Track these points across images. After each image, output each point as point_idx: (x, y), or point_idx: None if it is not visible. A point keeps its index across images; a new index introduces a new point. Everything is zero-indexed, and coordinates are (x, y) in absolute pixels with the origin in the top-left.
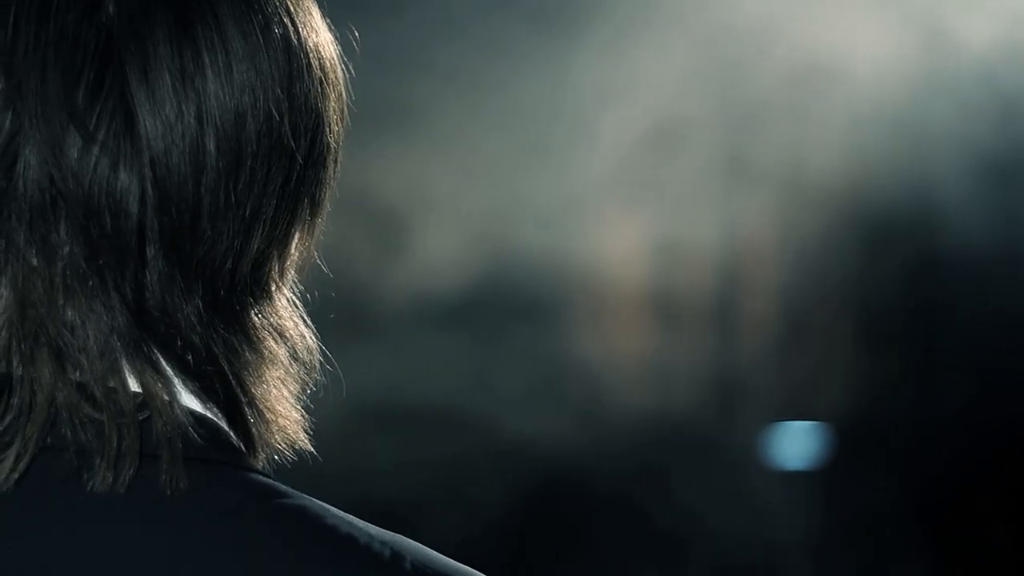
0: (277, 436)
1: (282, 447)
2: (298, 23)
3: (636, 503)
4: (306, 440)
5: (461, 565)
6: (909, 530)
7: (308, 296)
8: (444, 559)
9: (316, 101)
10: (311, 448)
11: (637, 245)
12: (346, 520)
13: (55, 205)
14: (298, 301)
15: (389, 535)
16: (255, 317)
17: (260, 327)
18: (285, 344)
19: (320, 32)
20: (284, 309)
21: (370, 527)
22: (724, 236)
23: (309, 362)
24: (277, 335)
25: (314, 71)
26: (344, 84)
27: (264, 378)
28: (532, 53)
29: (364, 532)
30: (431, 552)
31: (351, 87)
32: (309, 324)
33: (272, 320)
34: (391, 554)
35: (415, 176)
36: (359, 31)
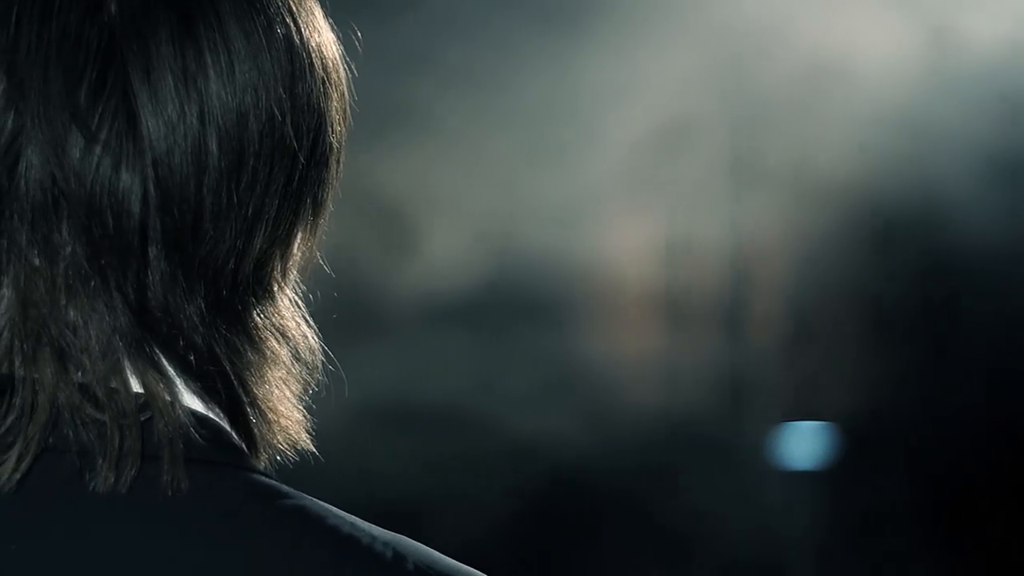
0: (279, 436)
1: (284, 447)
2: (300, 23)
3: (643, 503)
4: (308, 440)
5: (463, 566)
6: (916, 530)
7: (313, 296)
8: (446, 559)
9: (318, 101)
10: (313, 448)
11: (643, 244)
12: (348, 521)
13: (57, 205)
14: (300, 301)
15: (391, 536)
16: (257, 317)
17: (262, 327)
18: (287, 344)
19: (322, 32)
20: (286, 309)
21: (372, 528)
22: (730, 235)
23: (311, 362)
24: (279, 335)
25: (316, 71)
26: (347, 84)
27: (266, 378)
28: (538, 53)
29: (366, 533)
30: (433, 553)
31: (356, 87)
32: (311, 324)
33: (274, 320)
34: (393, 555)
35: (421, 176)
36: (365, 31)
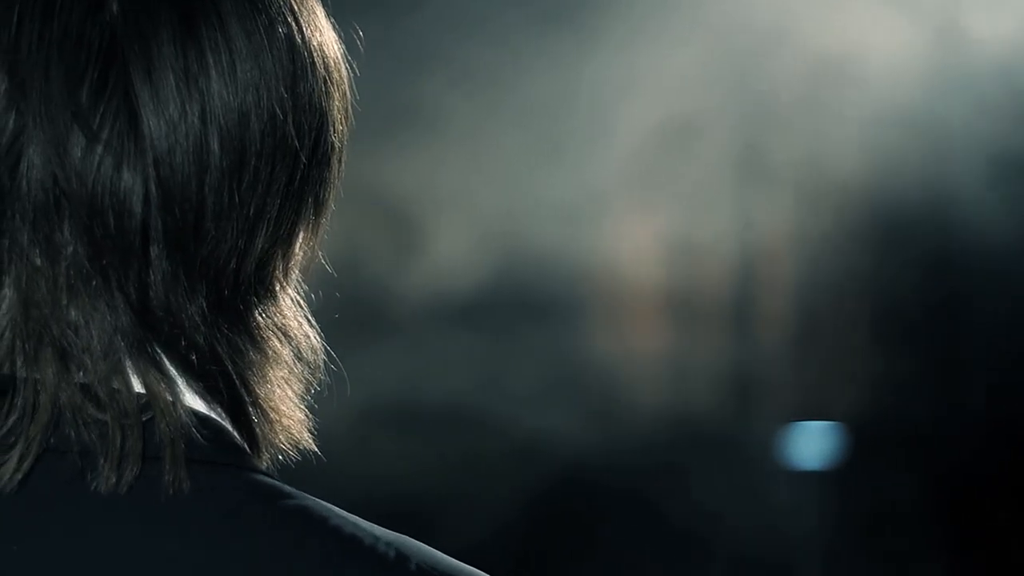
0: (281, 436)
1: (286, 447)
2: (302, 22)
3: (651, 502)
4: (310, 440)
5: (466, 566)
6: (923, 529)
7: (318, 296)
8: (449, 560)
9: (320, 100)
10: (315, 448)
11: (652, 243)
12: (351, 521)
13: (59, 205)
14: (302, 301)
15: (394, 536)
16: (259, 317)
17: (264, 327)
18: (289, 344)
19: (324, 31)
20: (288, 309)
21: (375, 528)
22: (737, 234)
23: (313, 362)
24: (281, 335)
25: (318, 70)
26: (348, 83)
27: (268, 378)
28: (544, 51)
29: (369, 533)
30: (436, 553)
31: (362, 86)
32: (313, 324)
33: (276, 320)
34: (396, 555)
35: (427, 175)
36: (371, 30)
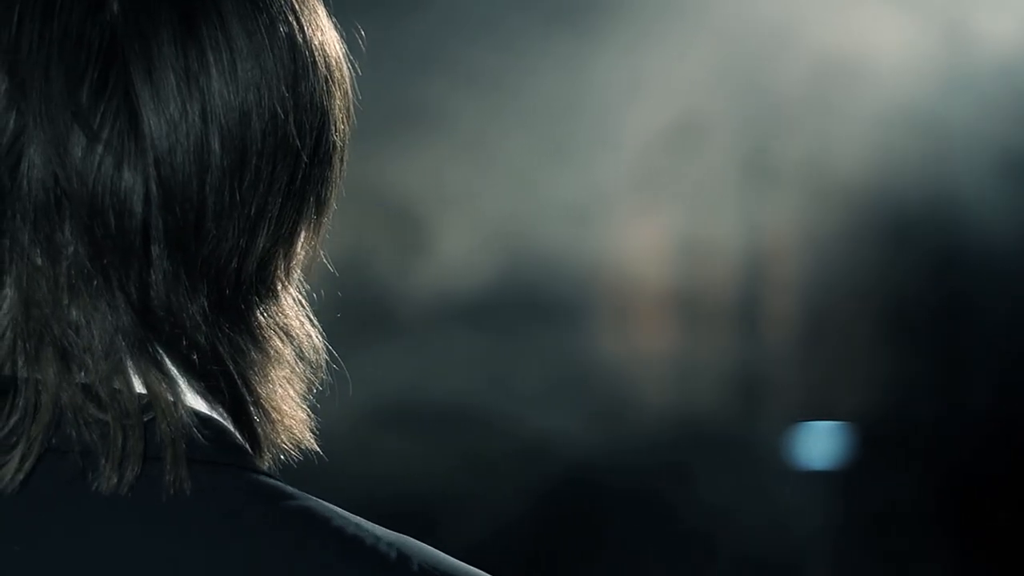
0: (283, 436)
1: (288, 447)
2: (303, 21)
3: (658, 502)
4: (312, 440)
5: (468, 566)
6: (930, 529)
7: (325, 295)
8: (451, 560)
9: (321, 99)
10: (317, 448)
11: (659, 243)
12: (353, 522)
13: (59, 204)
14: (304, 300)
15: (396, 536)
16: (261, 316)
17: (266, 326)
18: (291, 343)
19: (325, 31)
20: (290, 308)
21: (377, 528)
22: (744, 234)
23: (315, 361)
24: (283, 334)
25: (319, 69)
26: (350, 82)
27: (270, 377)
28: (550, 52)
29: (371, 534)
30: (438, 553)
31: (369, 87)
32: (315, 323)
33: (278, 319)
34: (398, 555)
35: (435, 175)
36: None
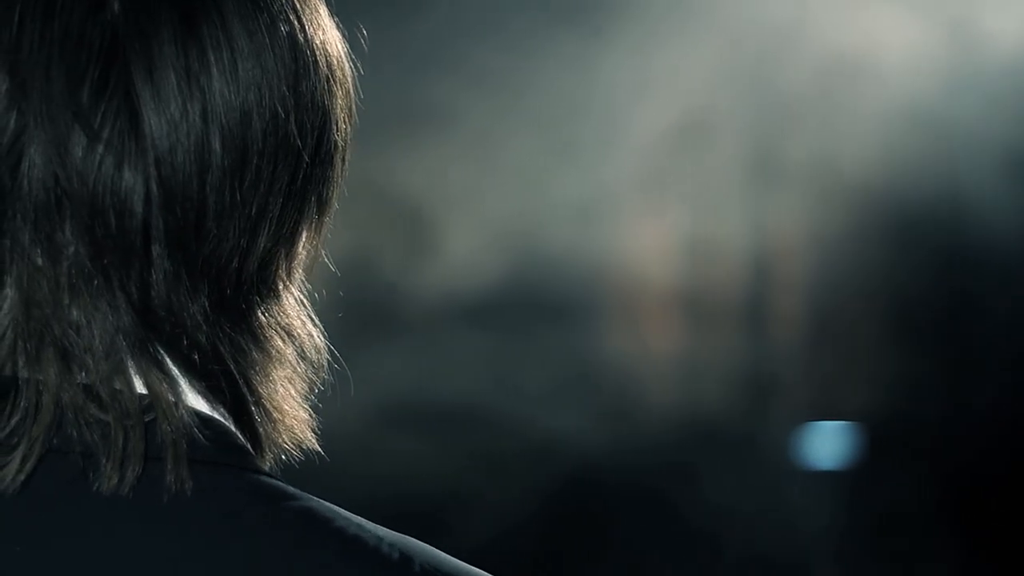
0: (284, 436)
1: (289, 447)
2: (304, 21)
3: (665, 502)
4: (313, 440)
5: (470, 567)
6: (938, 529)
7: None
8: (453, 560)
9: (323, 99)
10: (318, 448)
11: (665, 243)
12: (355, 522)
13: (60, 204)
14: (306, 300)
15: (398, 537)
16: (262, 316)
17: (267, 326)
18: (292, 343)
19: (327, 30)
20: (292, 308)
21: (379, 529)
22: (751, 233)
23: (317, 361)
24: (284, 334)
25: (320, 69)
26: (352, 82)
27: (271, 377)
28: (558, 51)
29: (372, 534)
30: (440, 554)
31: (378, 87)
32: (317, 323)
33: (279, 319)
34: (399, 556)
35: (443, 175)
36: (384, 30)
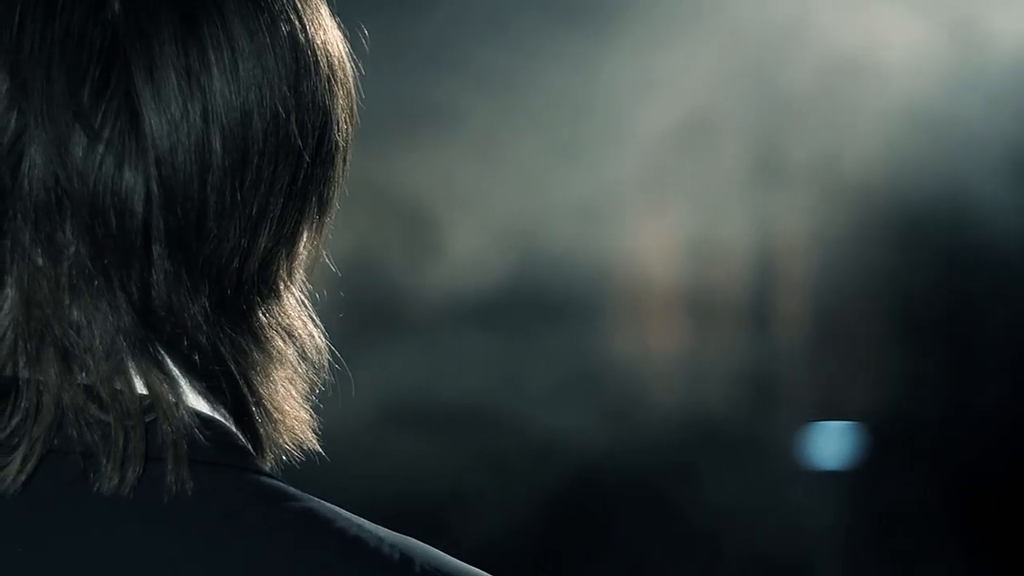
0: (285, 436)
1: (290, 447)
2: (305, 21)
3: (668, 502)
4: (314, 440)
5: (471, 567)
6: (940, 528)
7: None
8: (454, 561)
9: (323, 99)
10: (319, 448)
11: (670, 243)
12: (355, 523)
13: (60, 204)
14: (307, 300)
15: (398, 537)
16: (263, 316)
17: (268, 326)
18: (294, 344)
19: (328, 30)
20: (293, 308)
21: (379, 529)
22: (756, 233)
23: (318, 361)
24: (285, 334)
25: (321, 69)
26: (353, 82)
27: (272, 378)
28: (561, 51)
29: (373, 535)
30: (441, 554)
31: (381, 86)
32: (318, 323)
33: (280, 319)
34: (400, 557)
35: (447, 174)
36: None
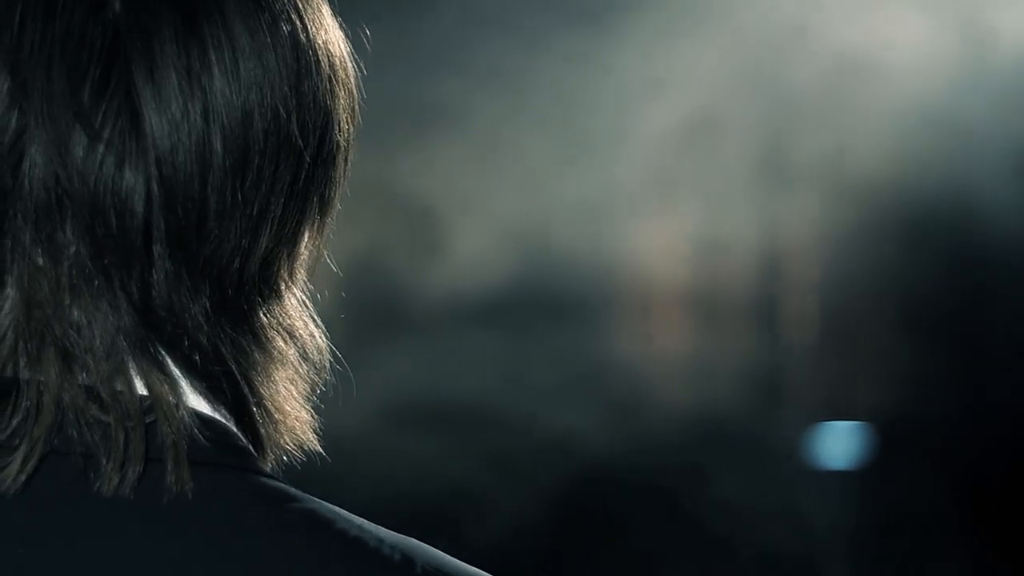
0: (286, 436)
1: (291, 448)
2: (306, 20)
3: (675, 502)
4: (315, 441)
5: (473, 568)
6: (948, 527)
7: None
8: (455, 562)
9: (325, 99)
10: (320, 448)
11: (676, 242)
12: (356, 524)
13: (61, 204)
14: (309, 300)
15: (399, 538)
16: (264, 317)
17: (269, 327)
18: (295, 344)
19: (329, 30)
20: (294, 308)
21: (380, 530)
22: (763, 232)
23: (319, 362)
24: (287, 335)
25: (322, 68)
26: (355, 82)
27: (273, 378)
28: (566, 51)
29: (374, 536)
30: (442, 555)
31: (386, 86)
32: (319, 324)
33: (281, 320)
34: (401, 558)
35: (452, 174)
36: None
